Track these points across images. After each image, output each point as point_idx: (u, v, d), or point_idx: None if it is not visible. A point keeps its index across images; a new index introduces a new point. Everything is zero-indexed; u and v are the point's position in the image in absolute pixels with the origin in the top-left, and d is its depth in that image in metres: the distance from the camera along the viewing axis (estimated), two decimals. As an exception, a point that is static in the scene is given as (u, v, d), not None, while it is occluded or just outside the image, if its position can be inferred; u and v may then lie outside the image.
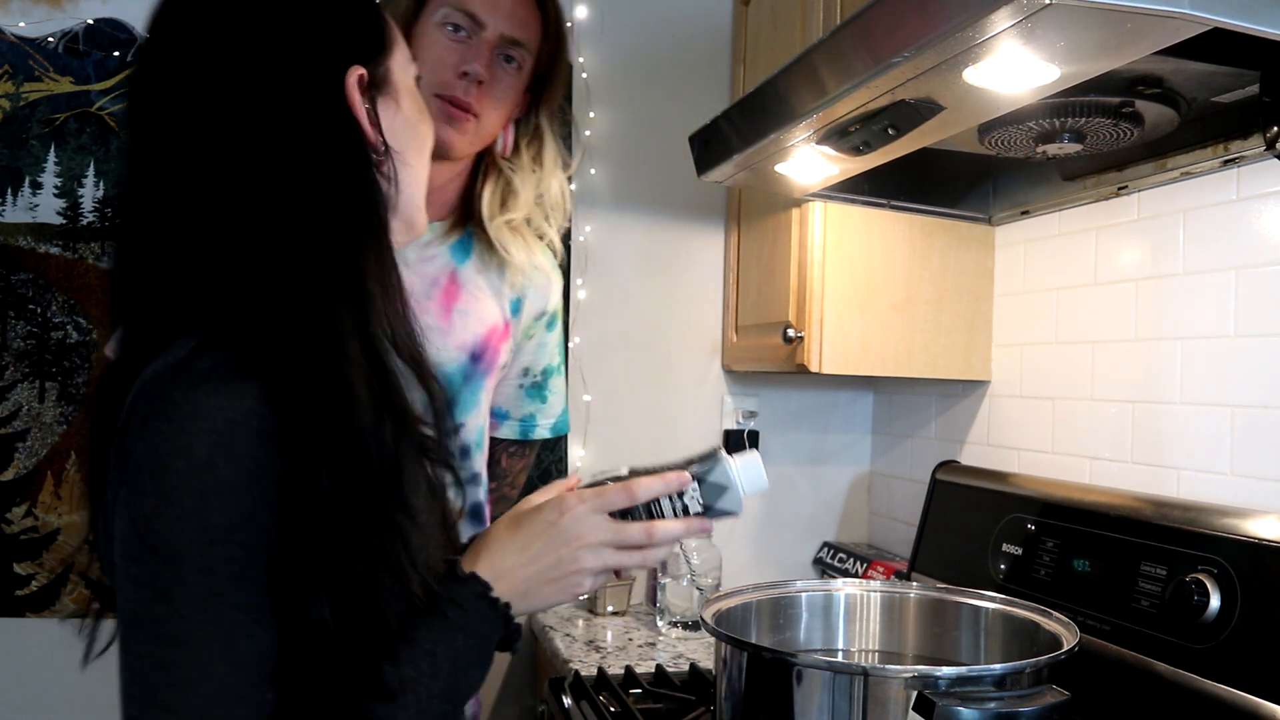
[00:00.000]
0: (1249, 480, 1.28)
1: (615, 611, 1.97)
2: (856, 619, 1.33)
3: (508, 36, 1.23)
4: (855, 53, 1.00)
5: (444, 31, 1.21)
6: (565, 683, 1.48)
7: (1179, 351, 1.40)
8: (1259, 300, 1.28)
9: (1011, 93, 1.01)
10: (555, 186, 1.35)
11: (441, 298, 1.29)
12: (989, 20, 0.82)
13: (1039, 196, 1.65)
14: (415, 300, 1.24)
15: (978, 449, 1.85)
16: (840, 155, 1.29)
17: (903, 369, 1.77)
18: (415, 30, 1.22)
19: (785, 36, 1.82)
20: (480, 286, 1.33)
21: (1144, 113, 1.19)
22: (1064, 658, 1.01)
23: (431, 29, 1.22)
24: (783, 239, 1.81)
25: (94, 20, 1.79)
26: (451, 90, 1.21)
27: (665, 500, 0.88)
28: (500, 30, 1.23)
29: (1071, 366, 1.61)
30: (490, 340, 1.33)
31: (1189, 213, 1.39)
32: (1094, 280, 1.56)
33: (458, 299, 1.30)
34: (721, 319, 2.15)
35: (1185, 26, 0.81)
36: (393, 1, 1.23)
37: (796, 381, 2.20)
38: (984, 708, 0.91)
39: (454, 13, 1.21)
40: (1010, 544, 1.51)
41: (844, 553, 2.10)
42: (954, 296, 1.79)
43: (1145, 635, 1.23)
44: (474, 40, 1.22)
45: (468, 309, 1.31)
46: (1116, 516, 1.34)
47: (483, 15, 1.22)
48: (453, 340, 1.29)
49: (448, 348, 1.29)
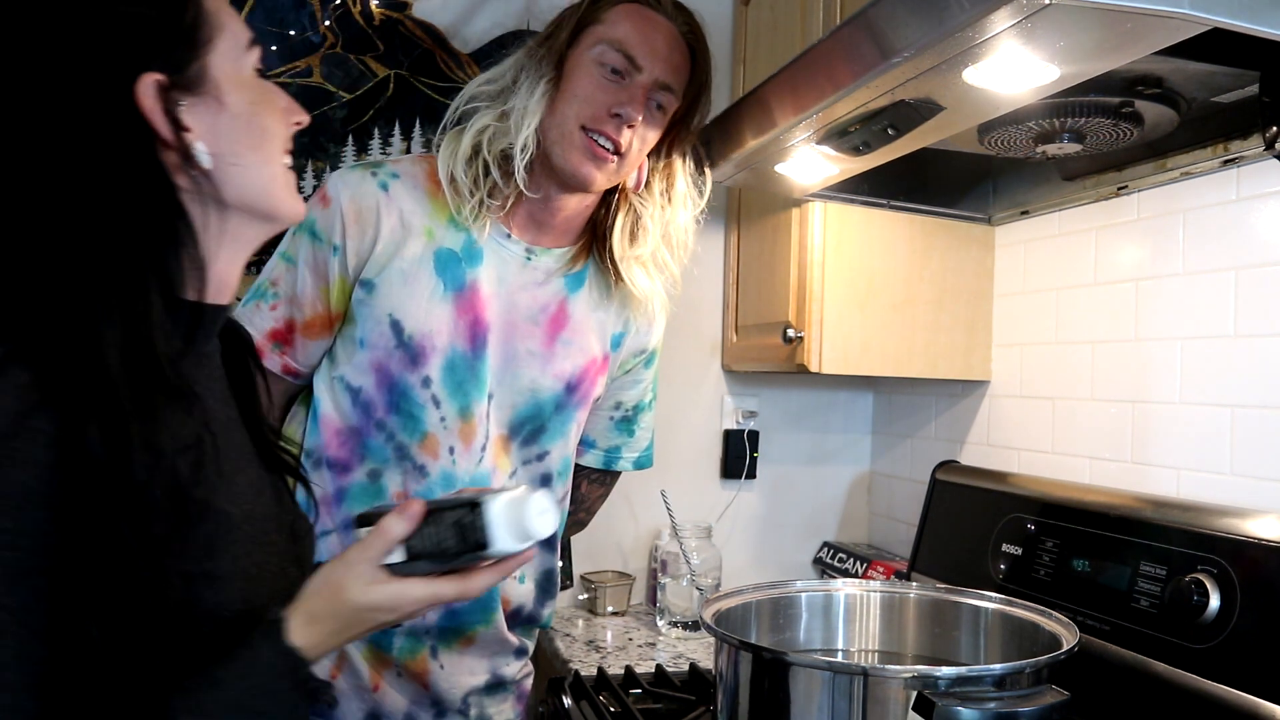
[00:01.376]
0: (1249, 480, 1.28)
1: (615, 611, 1.97)
2: (856, 619, 1.33)
3: (662, 82, 1.23)
4: (855, 53, 1.00)
5: (600, 69, 1.21)
6: (565, 683, 1.48)
7: (1179, 351, 1.40)
8: (1259, 300, 1.28)
9: (1011, 93, 1.01)
10: (681, 222, 1.35)
11: (548, 325, 1.30)
12: (989, 20, 0.83)
13: (1039, 196, 1.65)
14: (519, 325, 1.27)
15: (978, 449, 1.85)
16: (840, 155, 1.29)
17: (903, 369, 1.77)
18: (570, 60, 1.22)
19: (785, 36, 1.82)
20: (587, 318, 1.33)
21: (1144, 113, 1.19)
22: (1064, 658, 1.01)
23: (588, 63, 1.21)
24: (783, 239, 1.81)
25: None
26: (601, 126, 1.21)
27: (450, 531, 0.82)
28: (656, 75, 1.22)
29: (1071, 366, 1.61)
30: (588, 373, 1.34)
31: (1189, 213, 1.39)
32: (1094, 280, 1.56)
33: (564, 328, 1.31)
34: (721, 319, 2.15)
35: (1185, 26, 0.81)
36: (553, 36, 1.24)
37: (796, 381, 2.20)
38: (984, 708, 0.91)
39: (612, 53, 1.20)
40: (1010, 544, 1.51)
41: (844, 553, 2.10)
42: (954, 296, 1.79)
43: (1145, 635, 1.23)
44: (628, 82, 1.22)
45: (571, 339, 1.31)
46: (1116, 516, 1.34)
47: (641, 59, 1.21)
48: (552, 369, 1.30)
49: (546, 375, 1.30)
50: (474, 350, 1.26)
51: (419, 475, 1.25)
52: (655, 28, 1.22)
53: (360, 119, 1.90)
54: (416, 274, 1.24)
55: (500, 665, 1.36)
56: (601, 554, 2.08)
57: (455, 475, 1.25)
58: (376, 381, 1.24)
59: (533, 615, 1.40)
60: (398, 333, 1.23)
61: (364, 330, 1.24)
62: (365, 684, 1.28)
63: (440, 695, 1.30)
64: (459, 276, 1.25)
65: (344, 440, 1.26)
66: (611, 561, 2.08)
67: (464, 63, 1.95)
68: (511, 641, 1.37)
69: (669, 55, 1.23)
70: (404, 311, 1.23)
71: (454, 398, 1.25)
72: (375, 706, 1.29)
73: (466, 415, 1.26)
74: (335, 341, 1.28)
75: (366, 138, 1.90)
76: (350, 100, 1.89)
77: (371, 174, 1.25)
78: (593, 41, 1.21)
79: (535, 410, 1.30)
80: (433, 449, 1.25)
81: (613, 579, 2.01)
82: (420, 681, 1.29)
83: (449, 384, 1.25)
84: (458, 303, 1.25)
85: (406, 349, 1.23)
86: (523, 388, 1.29)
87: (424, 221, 1.25)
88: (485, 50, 1.96)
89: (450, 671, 1.30)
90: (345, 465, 1.26)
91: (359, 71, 1.89)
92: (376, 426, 1.25)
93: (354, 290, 1.25)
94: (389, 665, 1.29)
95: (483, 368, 1.26)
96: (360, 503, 1.25)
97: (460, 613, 1.29)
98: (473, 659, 1.32)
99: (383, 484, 1.26)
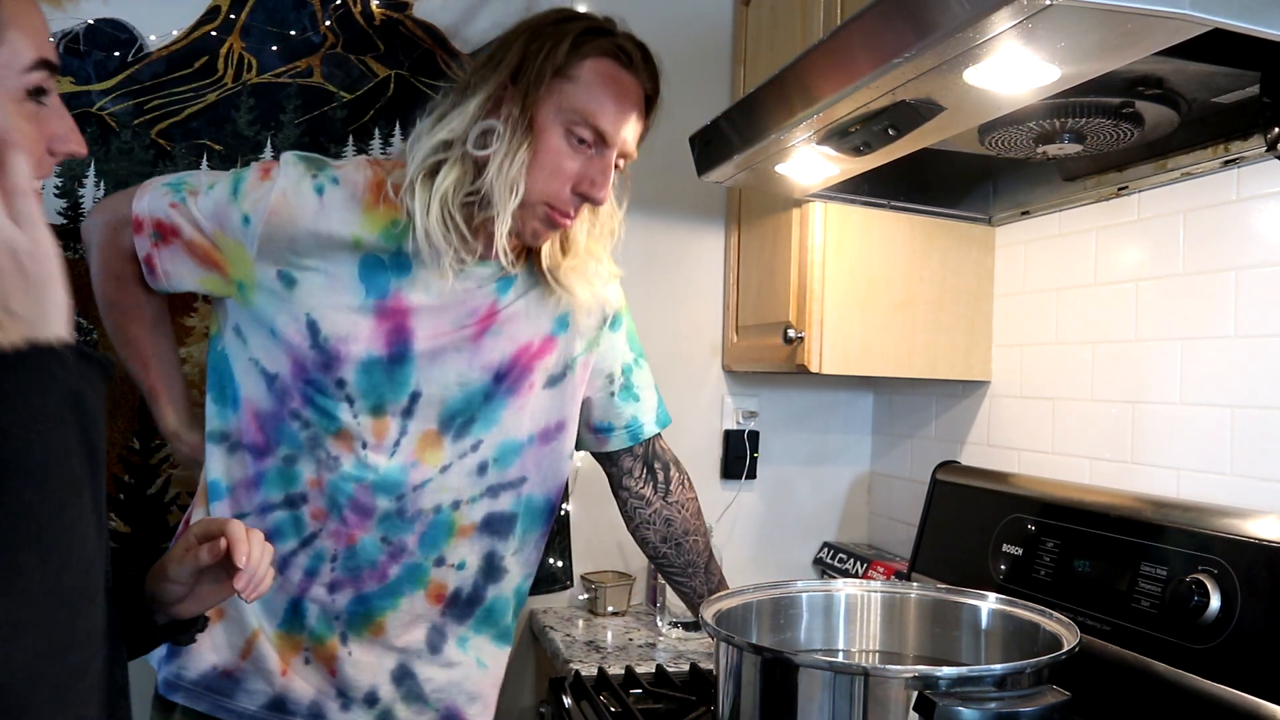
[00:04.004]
0: (1249, 480, 1.28)
1: (615, 611, 1.98)
2: (857, 619, 1.33)
3: (626, 151, 1.25)
4: (856, 53, 1.00)
5: (569, 136, 1.21)
6: (566, 683, 1.48)
7: (1179, 351, 1.40)
8: (1259, 300, 1.28)
9: (1012, 93, 1.01)
10: (609, 226, 1.36)
11: (476, 325, 1.30)
12: (989, 21, 0.82)
13: (1039, 197, 1.65)
14: (445, 327, 1.27)
15: (978, 449, 1.85)
16: (840, 155, 1.29)
17: (903, 369, 1.77)
18: (539, 118, 1.20)
19: (785, 36, 1.82)
20: (517, 308, 1.33)
21: (1144, 113, 1.19)
22: (1064, 658, 1.01)
23: (558, 131, 1.20)
24: (783, 239, 1.81)
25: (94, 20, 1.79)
26: (562, 204, 1.22)
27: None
28: (623, 148, 1.24)
29: (1071, 367, 1.61)
30: (519, 359, 1.34)
31: (1189, 213, 1.39)
32: (1094, 280, 1.57)
33: (492, 322, 1.31)
34: (722, 319, 2.15)
35: (1185, 27, 0.81)
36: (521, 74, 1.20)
37: (796, 382, 2.20)
38: (984, 708, 0.91)
39: (583, 127, 1.20)
40: (1010, 544, 1.51)
41: (844, 553, 2.10)
42: (954, 297, 1.79)
43: (1145, 635, 1.23)
44: (596, 154, 1.22)
45: (501, 329, 1.32)
46: (1116, 516, 1.34)
47: (612, 135, 1.21)
48: (479, 360, 1.31)
49: (473, 368, 1.30)
50: (392, 355, 1.26)
51: (333, 465, 1.27)
52: (625, 93, 1.22)
53: (361, 119, 1.90)
54: (339, 280, 1.24)
55: (413, 661, 1.34)
56: (601, 554, 2.08)
57: (367, 467, 1.27)
58: (292, 373, 1.26)
59: (474, 597, 1.37)
60: (313, 333, 1.24)
61: (277, 322, 1.25)
62: (272, 669, 1.29)
63: (347, 684, 1.31)
64: (383, 286, 1.25)
65: (262, 424, 1.28)
66: (611, 561, 2.08)
67: (464, 63, 1.94)
68: (437, 648, 1.36)
69: (636, 121, 1.24)
70: (321, 314, 1.24)
71: (367, 397, 1.27)
72: (282, 692, 1.30)
73: (379, 413, 1.27)
74: (240, 317, 1.28)
75: (367, 138, 1.90)
76: (350, 100, 1.89)
77: (312, 176, 1.25)
78: (564, 105, 1.20)
79: (465, 403, 1.31)
80: (346, 442, 1.27)
81: (613, 579, 2.01)
82: (328, 668, 1.31)
83: (363, 385, 1.26)
84: (379, 310, 1.25)
85: (321, 351, 1.24)
86: (450, 383, 1.30)
87: (353, 230, 1.24)
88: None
89: (358, 659, 1.31)
90: (262, 450, 1.28)
91: (359, 71, 1.89)
92: (291, 415, 1.27)
93: (260, 272, 1.24)
94: (299, 650, 1.30)
95: (402, 371, 1.27)
96: (276, 488, 1.27)
97: (369, 596, 1.30)
98: (382, 649, 1.32)
99: (297, 470, 1.27)
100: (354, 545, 1.28)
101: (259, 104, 1.85)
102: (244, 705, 1.29)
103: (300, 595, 1.29)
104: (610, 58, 1.22)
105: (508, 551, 1.38)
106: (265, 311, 1.25)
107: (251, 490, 1.28)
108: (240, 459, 1.29)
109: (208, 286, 1.28)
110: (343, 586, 1.29)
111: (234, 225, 1.24)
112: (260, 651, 1.29)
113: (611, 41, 1.23)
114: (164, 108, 1.82)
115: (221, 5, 1.84)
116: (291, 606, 1.29)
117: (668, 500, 1.52)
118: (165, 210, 1.26)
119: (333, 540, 1.28)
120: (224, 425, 1.30)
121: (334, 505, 1.27)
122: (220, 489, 1.29)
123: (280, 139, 1.85)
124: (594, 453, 1.52)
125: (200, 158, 1.82)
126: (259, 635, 1.29)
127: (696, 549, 1.53)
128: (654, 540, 1.52)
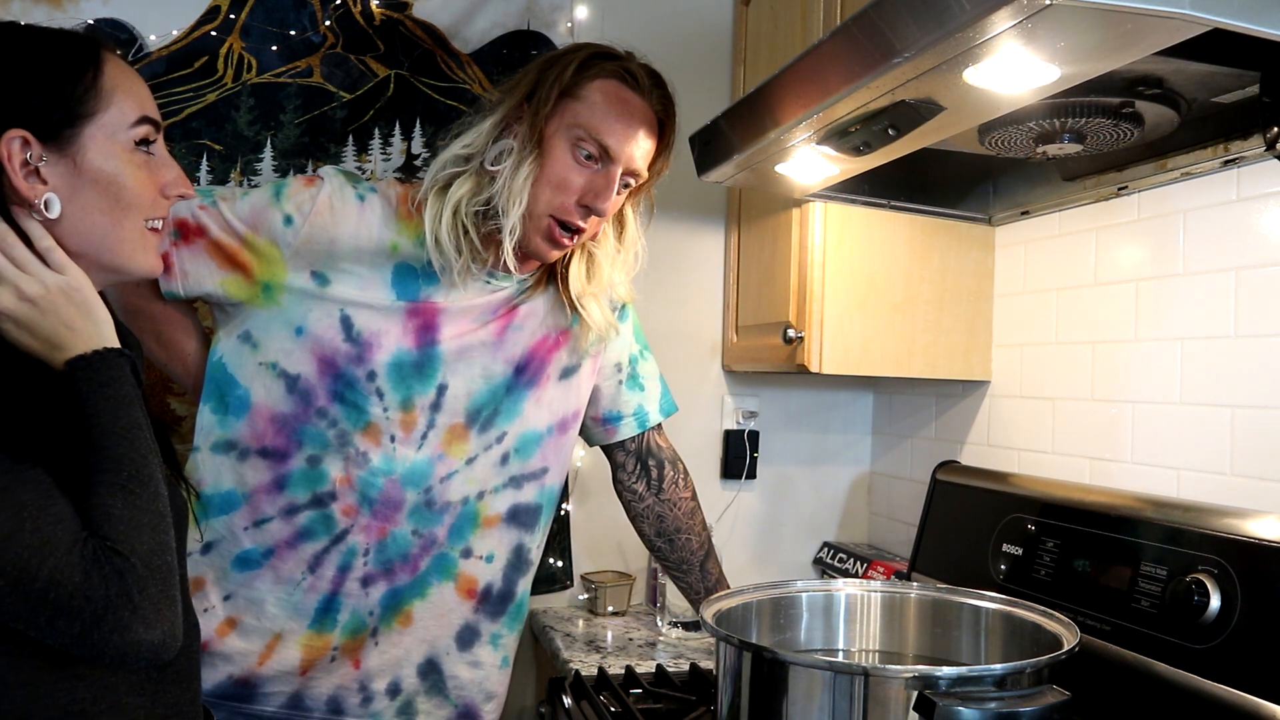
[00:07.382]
0: (1249, 480, 1.28)
1: (615, 611, 1.98)
2: (857, 619, 1.33)
3: (634, 169, 1.28)
4: (855, 53, 1.00)
5: (575, 152, 1.25)
6: (566, 683, 1.48)
7: (1179, 351, 1.40)
8: (1259, 300, 1.28)
9: (1012, 93, 1.01)
10: (632, 257, 1.41)
11: (498, 320, 1.35)
12: (989, 21, 0.83)
13: (1039, 197, 1.65)
14: (471, 326, 1.33)
15: (978, 449, 1.85)
16: (840, 155, 1.29)
17: (903, 369, 1.77)
18: (548, 137, 1.25)
19: (785, 36, 1.82)
20: (538, 305, 1.39)
21: (1144, 113, 1.19)
22: (1064, 658, 1.01)
23: (564, 147, 1.25)
24: (783, 239, 1.81)
25: (94, 20, 1.79)
26: (568, 216, 1.26)
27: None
28: (630, 165, 1.27)
29: (1071, 366, 1.61)
30: (537, 351, 1.39)
31: (1189, 213, 1.39)
32: (1094, 280, 1.57)
33: (513, 318, 1.36)
34: (721, 319, 2.15)
35: (1185, 27, 0.81)
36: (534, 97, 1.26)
37: (796, 381, 2.20)
38: (984, 708, 0.91)
39: (589, 141, 1.25)
40: (1010, 544, 1.51)
41: (844, 553, 2.10)
42: (954, 297, 1.79)
43: (1145, 635, 1.23)
44: (601, 169, 1.26)
45: (522, 325, 1.37)
46: (1116, 516, 1.34)
47: (616, 151, 1.26)
48: (502, 354, 1.36)
49: (497, 361, 1.35)
50: (421, 350, 1.30)
51: (361, 461, 1.29)
52: (631, 113, 1.26)
53: (360, 119, 1.90)
54: (371, 282, 1.29)
55: (442, 657, 1.36)
56: (601, 554, 2.08)
57: (395, 460, 1.30)
58: (319, 370, 1.28)
59: (506, 592, 1.40)
60: (347, 328, 1.28)
61: (309, 319, 1.27)
62: (291, 670, 1.30)
63: (372, 675, 1.32)
64: (413, 290, 1.30)
65: (280, 426, 1.28)
66: (611, 561, 2.08)
67: (464, 63, 1.95)
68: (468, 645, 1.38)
69: (642, 141, 1.28)
70: (354, 311, 1.28)
71: (397, 390, 1.30)
72: (300, 690, 1.31)
73: (408, 407, 1.31)
74: (255, 322, 1.29)
75: (367, 138, 1.90)
76: (350, 100, 1.89)
77: (353, 185, 1.31)
78: (571, 123, 1.25)
79: (490, 395, 1.35)
80: (374, 437, 1.29)
81: (613, 579, 2.01)
82: (353, 661, 1.32)
83: (393, 378, 1.29)
84: (409, 310, 1.30)
85: (355, 344, 1.28)
86: (475, 375, 1.34)
87: (392, 236, 1.30)
88: (486, 50, 1.96)
89: (385, 649, 1.33)
90: (283, 453, 1.29)
91: (359, 71, 1.89)
92: (318, 414, 1.28)
93: (293, 274, 1.27)
94: (327, 649, 1.31)
95: (430, 366, 1.31)
96: (302, 489, 1.28)
97: (401, 589, 1.33)
98: (411, 640, 1.34)
99: (323, 469, 1.29)
100: (385, 539, 1.31)
101: (259, 104, 1.85)
102: (261, 708, 1.30)
103: (334, 592, 1.30)
104: (616, 79, 1.27)
105: (533, 544, 1.43)
106: (294, 311, 1.27)
107: (274, 494, 1.29)
108: (254, 465, 1.29)
109: (227, 288, 1.29)
110: (375, 580, 1.31)
111: (272, 226, 1.27)
112: (281, 655, 1.30)
113: (619, 64, 1.28)
114: (164, 108, 1.81)
115: (221, 5, 1.84)
116: (324, 604, 1.30)
117: (660, 497, 1.56)
118: (192, 211, 1.28)
119: (364, 535, 1.30)
120: (228, 433, 1.29)
121: (365, 500, 1.29)
122: (236, 498, 1.29)
123: (280, 139, 1.85)
124: (602, 445, 1.56)
125: (200, 158, 1.82)
126: (281, 639, 1.29)
127: (689, 547, 1.57)
128: (649, 534, 1.58)
